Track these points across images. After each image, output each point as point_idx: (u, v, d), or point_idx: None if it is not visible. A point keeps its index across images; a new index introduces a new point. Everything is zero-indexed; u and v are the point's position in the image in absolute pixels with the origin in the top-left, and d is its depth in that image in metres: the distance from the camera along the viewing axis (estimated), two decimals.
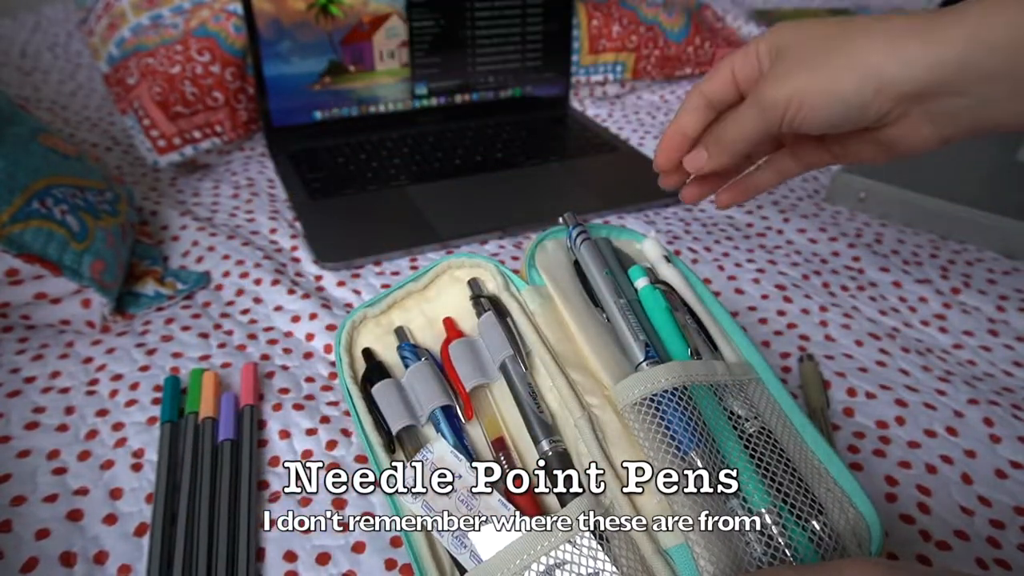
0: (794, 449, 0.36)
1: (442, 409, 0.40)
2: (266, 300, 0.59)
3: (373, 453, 0.38)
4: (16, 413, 0.48)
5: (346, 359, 0.42)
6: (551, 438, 0.38)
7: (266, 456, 0.45)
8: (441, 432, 0.39)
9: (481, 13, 0.83)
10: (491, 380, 0.41)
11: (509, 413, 0.40)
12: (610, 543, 0.34)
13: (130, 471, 0.44)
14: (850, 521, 0.34)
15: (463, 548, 0.35)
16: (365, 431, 0.39)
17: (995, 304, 0.61)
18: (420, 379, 0.41)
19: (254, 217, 0.70)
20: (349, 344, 0.43)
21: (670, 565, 0.33)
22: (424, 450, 0.38)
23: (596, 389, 0.38)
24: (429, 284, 0.46)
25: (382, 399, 0.40)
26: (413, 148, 0.81)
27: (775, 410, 0.38)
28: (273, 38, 0.76)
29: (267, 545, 0.40)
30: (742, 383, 0.38)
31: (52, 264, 0.50)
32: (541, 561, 0.33)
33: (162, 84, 0.76)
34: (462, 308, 0.45)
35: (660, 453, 0.34)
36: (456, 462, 0.37)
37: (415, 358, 0.42)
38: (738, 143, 0.40)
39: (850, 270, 0.65)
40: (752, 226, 0.72)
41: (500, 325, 0.41)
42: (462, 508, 0.36)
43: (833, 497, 0.34)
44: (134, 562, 0.39)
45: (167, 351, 0.53)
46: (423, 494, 0.36)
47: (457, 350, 0.42)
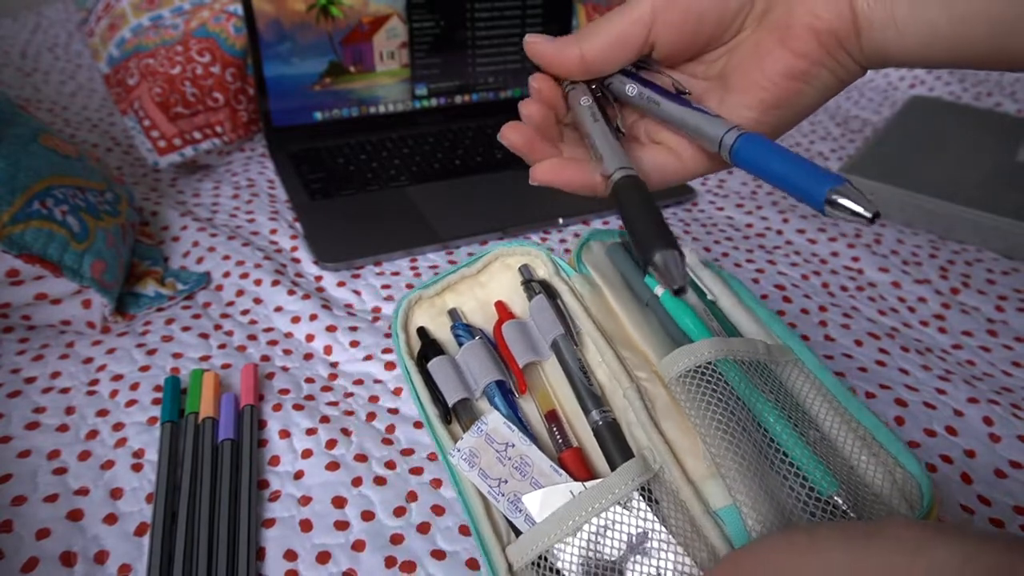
0: (839, 420, 0.38)
1: (496, 384, 0.42)
2: (266, 301, 0.59)
3: (431, 424, 0.41)
4: (17, 413, 0.48)
5: (402, 336, 0.45)
6: (601, 408, 0.40)
7: (266, 456, 0.45)
8: (495, 405, 0.42)
9: (481, 14, 0.83)
10: (543, 358, 0.44)
11: (560, 388, 0.43)
12: (659, 505, 0.36)
13: (130, 471, 0.44)
14: (898, 482, 0.35)
15: (518, 512, 0.37)
16: (422, 403, 0.42)
17: (994, 304, 0.61)
18: (474, 356, 0.44)
19: (254, 218, 0.70)
20: (405, 322, 0.47)
21: (719, 525, 0.34)
22: (479, 421, 0.41)
23: (644, 365, 0.41)
24: (482, 269, 0.49)
25: (438, 374, 0.43)
26: (413, 149, 0.81)
27: (817, 386, 0.39)
28: (273, 39, 0.76)
29: (267, 544, 0.40)
30: (781, 362, 0.40)
31: (53, 264, 0.50)
32: (592, 522, 0.35)
33: (162, 85, 0.76)
34: (513, 293, 0.48)
35: (706, 422, 0.36)
36: (509, 432, 0.40)
37: (469, 336, 0.45)
38: None
39: (849, 270, 0.65)
40: (751, 226, 0.72)
41: (551, 306, 0.45)
42: (516, 475, 0.38)
43: (880, 460, 0.36)
44: (134, 562, 0.39)
45: (167, 351, 0.53)
46: (479, 462, 0.39)
47: (510, 330, 0.45)
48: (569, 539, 0.35)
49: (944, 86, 1.02)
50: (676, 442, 0.38)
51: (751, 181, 0.80)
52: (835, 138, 0.90)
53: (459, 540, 0.41)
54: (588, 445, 0.41)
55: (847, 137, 0.90)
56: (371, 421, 0.48)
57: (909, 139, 0.81)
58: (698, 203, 0.76)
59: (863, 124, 0.94)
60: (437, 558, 0.40)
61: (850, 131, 0.92)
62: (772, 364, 0.40)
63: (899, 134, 0.82)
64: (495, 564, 0.35)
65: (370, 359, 0.53)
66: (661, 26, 0.33)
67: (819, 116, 0.96)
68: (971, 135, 0.82)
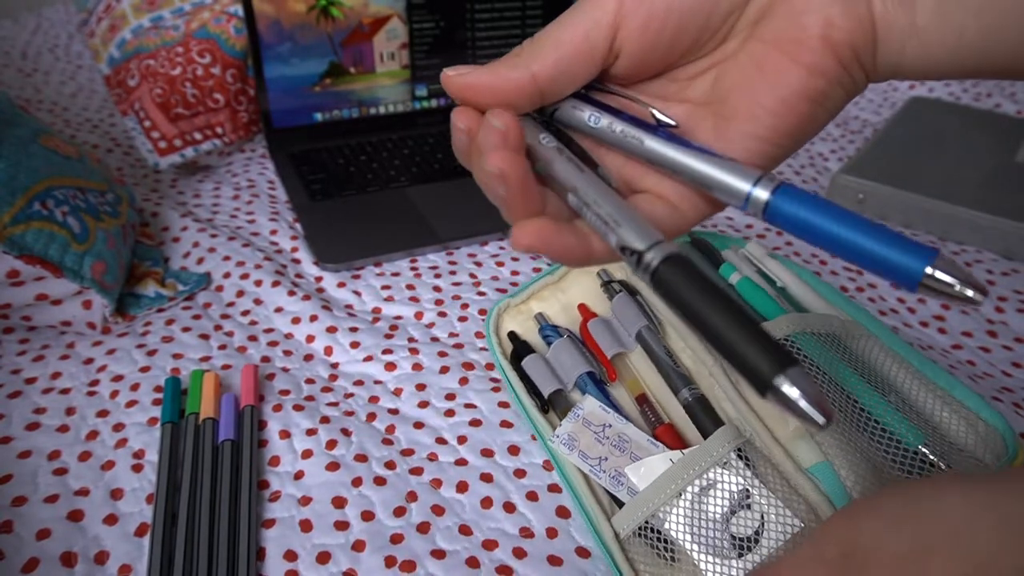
0: (916, 383, 0.40)
1: (587, 375, 0.46)
2: (266, 301, 0.59)
3: (529, 415, 0.45)
4: (17, 414, 0.48)
5: (495, 340, 0.50)
6: (690, 387, 0.44)
7: (266, 456, 0.46)
8: (588, 393, 0.45)
9: (481, 15, 0.83)
10: (629, 349, 0.48)
11: (647, 375, 0.47)
12: (755, 467, 0.38)
13: (131, 471, 0.44)
14: (980, 435, 0.37)
15: (620, 486, 0.40)
16: (519, 397, 0.46)
17: (994, 305, 0.61)
18: (564, 351, 0.48)
19: (255, 218, 0.70)
20: (496, 328, 0.51)
21: (814, 481, 0.36)
22: (576, 407, 0.44)
23: None
24: (563, 276, 0.54)
25: (532, 369, 0.47)
26: (413, 150, 0.81)
27: (892, 355, 0.42)
28: (274, 40, 0.76)
29: (267, 544, 0.40)
30: (855, 335, 0.43)
31: (53, 265, 0.50)
32: (695, 483, 0.38)
33: (163, 86, 0.76)
34: (593, 295, 0.52)
35: None
36: (605, 414, 0.43)
37: (557, 336, 0.49)
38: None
39: (849, 271, 0.65)
40: (752, 227, 0.72)
41: (633, 302, 0.48)
42: (615, 452, 0.41)
43: (961, 416, 0.38)
44: (134, 562, 0.39)
45: (168, 352, 0.53)
46: (578, 444, 0.42)
47: (595, 326, 0.49)
48: (674, 501, 0.38)
49: (944, 87, 1.02)
50: (761, 410, 0.40)
51: None
52: (835, 139, 0.90)
53: (459, 540, 0.41)
54: (680, 424, 0.44)
55: (847, 138, 0.90)
56: (371, 421, 0.48)
57: (909, 140, 0.82)
58: None
59: (863, 125, 0.94)
60: (437, 558, 0.40)
61: (850, 132, 0.92)
62: (846, 337, 0.42)
63: (899, 135, 0.82)
64: (602, 534, 0.38)
65: (370, 360, 0.53)
66: (629, 31, 0.26)
67: None
68: (971, 136, 0.82)
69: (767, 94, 0.26)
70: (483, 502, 0.43)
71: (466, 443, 0.47)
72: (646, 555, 0.38)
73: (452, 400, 0.50)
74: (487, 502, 0.43)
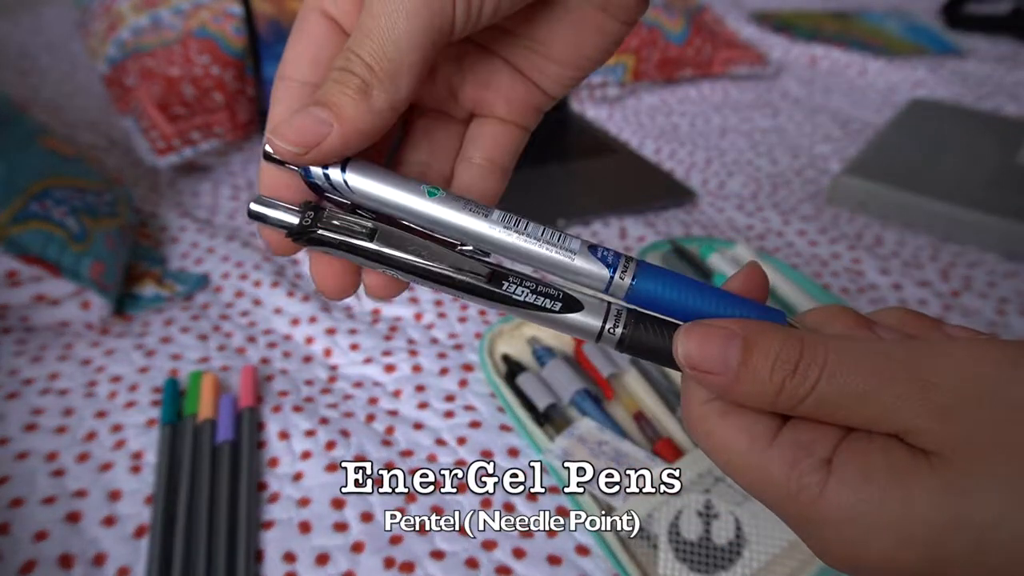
0: None
1: (583, 391, 0.48)
2: (265, 302, 0.58)
3: (525, 429, 0.46)
4: (15, 415, 0.48)
5: (489, 361, 0.51)
6: None
7: (265, 457, 0.45)
8: (585, 409, 0.47)
9: None
10: (623, 369, 0.50)
11: (642, 395, 0.49)
12: None
13: (129, 473, 0.44)
14: None
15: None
16: (514, 411, 0.47)
17: (996, 307, 0.61)
18: (559, 369, 0.49)
19: None
20: (490, 350, 0.52)
21: None
22: (571, 427, 0.45)
23: None
24: None
25: (527, 386, 0.48)
26: None
27: None
28: (273, 39, 0.76)
29: (266, 546, 0.40)
30: None
31: (51, 265, 0.50)
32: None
33: (161, 85, 0.76)
34: None
35: None
36: (601, 433, 0.45)
37: (551, 355, 0.51)
38: None
39: (850, 272, 0.65)
40: (752, 228, 0.72)
41: None
42: (613, 464, 0.43)
43: None
44: (133, 564, 0.39)
45: (166, 353, 0.53)
46: (573, 458, 0.44)
47: (590, 348, 0.51)
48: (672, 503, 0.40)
49: (946, 88, 1.02)
50: None
51: (751, 182, 0.80)
52: (836, 139, 0.90)
53: (458, 540, 0.41)
54: (678, 440, 0.46)
55: (848, 139, 0.90)
56: (370, 423, 0.48)
57: (910, 141, 0.81)
58: (698, 204, 0.75)
59: (864, 126, 0.94)
60: (436, 558, 0.40)
61: (851, 132, 0.92)
62: None
63: (900, 136, 0.82)
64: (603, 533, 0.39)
65: (370, 362, 0.53)
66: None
67: (820, 117, 0.96)
68: (972, 137, 0.82)
69: (589, 45, 0.28)
70: (483, 502, 0.43)
71: (465, 444, 0.47)
72: (645, 553, 0.39)
73: (451, 401, 0.50)
74: (487, 502, 0.43)
